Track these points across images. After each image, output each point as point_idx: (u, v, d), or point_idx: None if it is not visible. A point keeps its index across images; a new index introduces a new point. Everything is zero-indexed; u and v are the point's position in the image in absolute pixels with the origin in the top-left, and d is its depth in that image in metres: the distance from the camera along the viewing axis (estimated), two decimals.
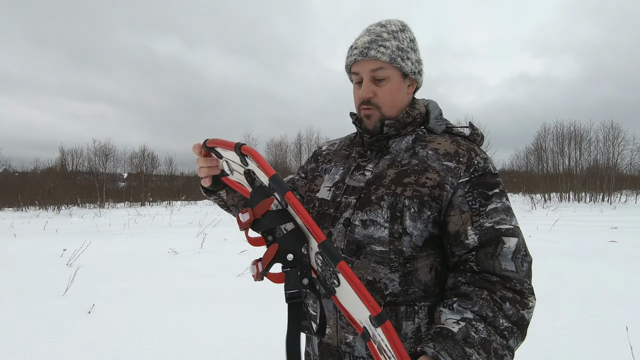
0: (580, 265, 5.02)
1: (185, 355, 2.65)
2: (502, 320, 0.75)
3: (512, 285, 0.79)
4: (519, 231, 0.85)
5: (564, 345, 2.74)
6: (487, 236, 0.82)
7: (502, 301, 0.77)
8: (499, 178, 0.90)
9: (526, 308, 0.79)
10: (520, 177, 33.67)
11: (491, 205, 0.84)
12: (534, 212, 17.05)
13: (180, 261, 5.69)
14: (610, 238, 7.41)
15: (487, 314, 0.75)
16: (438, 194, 0.86)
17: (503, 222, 0.83)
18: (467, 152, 0.90)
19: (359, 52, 0.91)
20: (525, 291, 0.80)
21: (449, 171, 0.87)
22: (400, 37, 0.93)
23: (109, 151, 33.93)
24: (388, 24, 0.94)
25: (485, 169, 0.88)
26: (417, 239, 0.86)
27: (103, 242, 7.55)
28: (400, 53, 0.91)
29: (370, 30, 0.93)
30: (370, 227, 0.88)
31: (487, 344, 0.72)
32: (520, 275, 0.80)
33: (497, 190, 0.86)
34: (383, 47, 0.90)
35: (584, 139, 28.89)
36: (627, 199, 25.50)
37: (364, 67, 0.92)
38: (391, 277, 0.86)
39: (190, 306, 3.61)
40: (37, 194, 25.93)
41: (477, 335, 0.72)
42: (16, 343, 2.81)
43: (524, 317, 0.78)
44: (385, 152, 0.96)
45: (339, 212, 0.93)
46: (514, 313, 0.77)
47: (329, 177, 1.01)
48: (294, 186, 1.12)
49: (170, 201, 34.09)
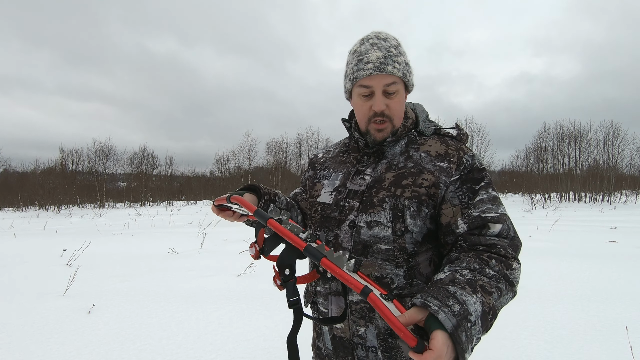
0: (580, 265, 5.02)
1: (185, 355, 2.65)
2: (488, 270, 0.81)
3: (497, 250, 0.87)
4: (505, 217, 0.91)
5: (564, 345, 2.74)
6: (475, 223, 0.90)
7: (489, 259, 0.84)
8: (485, 172, 0.98)
9: (510, 268, 0.84)
10: (520, 177, 33.69)
11: (478, 197, 0.93)
12: (534, 212, 17.05)
13: (180, 261, 5.68)
14: (610, 238, 7.41)
15: (474, 266, 0.81)
16: (434, 192, 0.94)
17: (489, 210, 0.91)
18: (456, 152, 0.98)
19: (374, 66, 0.94)
20: (509, 255, 0.86)
21: (442, 171, 0.95)
22: (401, 52, 0.99)
23: (109, 151, 33.97)
24: (388, 39, 0.99)
25: (472, 166, 0.96)
26: (418, 235, 0.95)
27: (103, 242, 7.55)
28: (408, 68, 0.99)
29: (377, 45, 0.96)
30: (375, 228, 0.95)
31: (473, 282, 0.77)
32: (502, 242, 0.88)
33: (483, 183, 0.95)
34: (397, 63, 0.95)
35: (584, 139, 28.93)
36: (627, 199, 25.50)
37: (378, 82, 0.95)
38: (397, 273, 0.94)
39: (190, 306, 3.61)
40: (37, 194, 25.94)
41: (462, 278, 0.78)
42: (16, 343, 2.81)
43: (508, 275, 0.83)
44: (382, 157, 1.03)
45: (343, 215, 1.00)
46: (500, 269, 0.83)
47: (329, 183, 1.08)
48: (296, 200, 1.24)
49: (170, 201, 34.08)
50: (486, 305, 0.74)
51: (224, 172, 39.75)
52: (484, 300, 0.74)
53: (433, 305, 0.71)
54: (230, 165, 39.26)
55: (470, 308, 0.72)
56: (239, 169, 37.89)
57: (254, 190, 1.11)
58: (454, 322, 0.68)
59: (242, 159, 37.97)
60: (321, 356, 1.08)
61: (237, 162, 38.18)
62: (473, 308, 0.72)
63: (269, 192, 1.13)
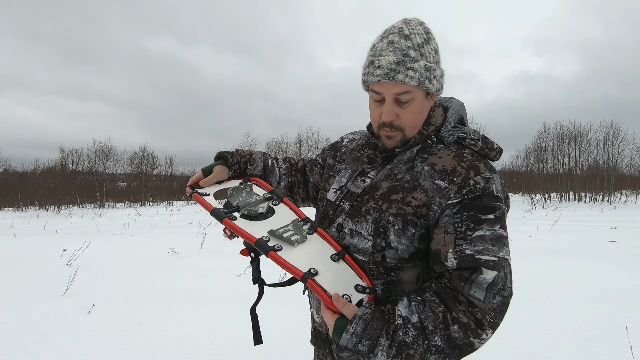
0: (580, 265, 5.01)
1: (185, 355, 2.65)
2: (437, 338, 0.75)
3: (474, 312, 0.77)
4: (504, 263, 0.80)
5: (564, 345, 2.74)
6: (465, 263, 0.79)
7: (453, 323, 0.76)
8: (499, 202, 0.83)
9: (478, 337, 0.77)
10: (520, 177, 33.63)
11: (479, 232, 0.80)
12: (534, 212, 17.05)
13: (180, 261, 5.68)
14: (610, 238, 7.41)
15: (427, 326, 0.76)
16: (425, 212, 0.85)
17: (486, 252, 0.79)
18: (465, 171, 0.84)
19: (384, 73, 0.82)
20: (484, 322, 0.77)
21: (438, 191, 0.84)
22: (426, 51, 0.85)
23: (109, 151, 33.94)
24: (413, 35, 0.84)
25: (485, 190, 0.82)
26: (403, 252, 0.88)
27: (103, 242, 7.55)
28: (428, 74, 0.84)
29: (395, 45, 0.83)
30: (355, 238, 0.92)
31: (404, 346, 0.75)
32: (486, 306, 0.77)
33: (491, 216, 0.81)
34: (411, 70, 0.82)
35: (584, 139, 28.87)
36: (627, 199, 25.48)
37: (388, 89, 0.85)
38: (375, 283, 0.91)
39: (190, 306, 3.61)
40: (37, 194, 25.91)
41: (402, 337, 0.75)
42: (16, 343, 2.81)
43: (472, 344, 0.77)
44: (390, 161, 0.96)
45: (335, 216, 0.99)
46: (460, 337, 0.76)
47: (338, 179, 1.05)
48: (310, 167, 1.23)
49: (170, 201, 34.05)
50: None
51: None
52: None
53: (355, 324, 0.76)
54: None
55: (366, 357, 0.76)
56: None
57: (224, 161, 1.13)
58: (344, 345, 0.76)
59: None
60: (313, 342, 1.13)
61: None
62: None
63: (239, 161, 1.13)
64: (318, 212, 1.09)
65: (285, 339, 2.89)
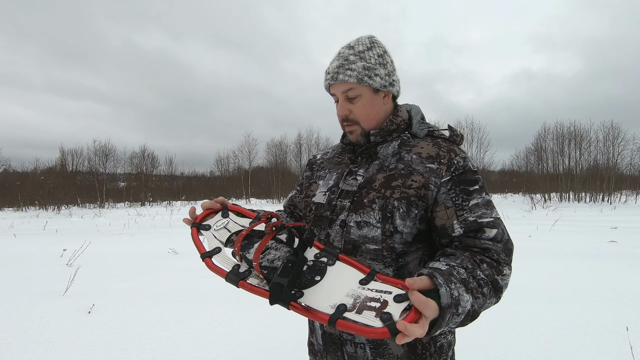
0: (580, 265, 5.02)
1: (185, 355, 2.65)
2: (478, 272, 0.84)
3: (490, 254, 0.89)
4: (499, 221, 0.94)
5: (564, 345, 2.74)
6: (471, 227, 0.92)
7: (481, 262, 0.86)
8: (478, 175, 0.99)
9: (500, 274, 0.86)
10: (520, 177, 33.64)
11: (473, 201, 0.94)
12: (534, 212, 17.05)
13: (180, 261, 5.69)
14: (610, 238, 7.41)
15: (467, 265, 0.84)
16: (424, 193, 0.95)
17: (484, 215, 0.93)
18: (447, 154, 0.99)
19: (331, 76, 1.01)
20: (501, 261, 0.88)
21: (432, 172, 0.97)
22: (367, 56, 1.00)
23: (109, 151, 33.93)
24: (356, 45, 1.02)
25: (465, 167, 0.97)
26: (408, 235, 0.97)
27: (103, 242, 7.55)
28: (367, 72, 0.99)
29: (340, 54, 1.02)
30: (364, 228, 0.98)
31: (466, 283, 0.79)
32: (497, 248, 0.90)
33: (477, 187, 0.96)
34: (349, 70, 0.98)
35: (584, 139, 28.86)
36: (627, 199, 25.49)
37: (337, 89, 1.01)
38: (386, 272, 0.96)
39: (190, 306, 3.61)
40: (37, 194, 25.90)
41: (459, 275, 0.80)
42: (16, 343, 2.81)
43: (497, 281, 0.85)
44: (374, 158, 1.05)
45: (335, 215, 1.03)
46: (489, 274, 0.85)
47: (324, 183, 1.11)
48: (293, 203, 1.28)
49: (170, 201, 34.08)
50: (472, 306, 0.78)
51: (224, 172, 39.78)
52: (472, 302, 0.78)
53: (439, 279, 0.74)
54: (230, 165, 39.28)
55: (462, 302, 0.76)
56: (239, 169, 37.91)
57: None
58: (449, 302, 0.72)
59: (242, 159, 38.02)
60: (314, 352, 1.13)
61: (237, 162, 38.21)
62: (463, 303, 0.76)
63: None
64: (308, 218, 1.11)
65: (286, 339, 2.89)
